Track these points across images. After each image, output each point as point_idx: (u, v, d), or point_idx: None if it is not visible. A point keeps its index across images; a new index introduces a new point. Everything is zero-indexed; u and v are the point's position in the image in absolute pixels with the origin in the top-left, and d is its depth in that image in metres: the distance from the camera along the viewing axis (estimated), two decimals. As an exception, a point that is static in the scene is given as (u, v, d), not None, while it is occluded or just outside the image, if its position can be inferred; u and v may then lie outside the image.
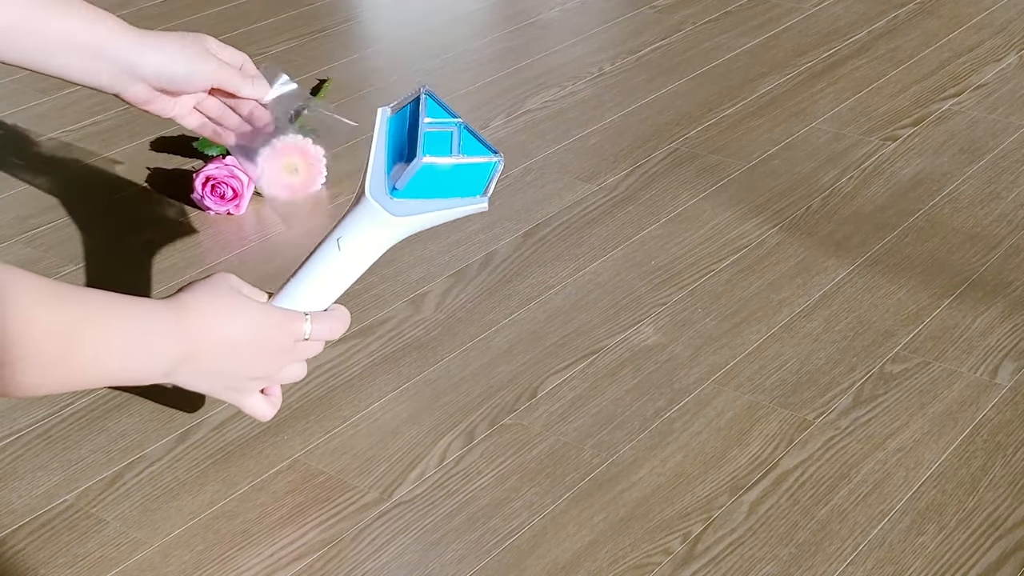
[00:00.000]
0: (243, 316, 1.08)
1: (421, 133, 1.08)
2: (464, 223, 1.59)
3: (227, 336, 1.08)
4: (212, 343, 1.07)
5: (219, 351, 1.07)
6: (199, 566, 1.11)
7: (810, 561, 1.10)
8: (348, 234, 1.11)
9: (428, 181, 1.08)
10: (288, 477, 1.20)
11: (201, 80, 1.24)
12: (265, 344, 1.11)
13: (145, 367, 1.03)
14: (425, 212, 1.10)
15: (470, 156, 1.09)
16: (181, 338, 1.04)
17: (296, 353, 1.14)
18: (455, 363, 1.36)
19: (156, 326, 1.02)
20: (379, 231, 1.11)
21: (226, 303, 1.08)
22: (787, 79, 1.95)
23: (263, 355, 1.11)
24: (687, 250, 1.53)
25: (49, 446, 1.25)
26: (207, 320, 1.06)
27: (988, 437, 1.23)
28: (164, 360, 1.04)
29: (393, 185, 1.08)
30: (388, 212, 1.09)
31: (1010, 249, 1.51)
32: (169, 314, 1.04)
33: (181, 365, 1.05)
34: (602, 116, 1.86)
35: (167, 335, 1.03)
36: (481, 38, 2.16)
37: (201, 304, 1.06)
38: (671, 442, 1.23)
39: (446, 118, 1.10)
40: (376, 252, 1.14)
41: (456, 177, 1.09)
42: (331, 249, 1.12)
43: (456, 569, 1.10)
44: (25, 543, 1.14)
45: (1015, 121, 1.81)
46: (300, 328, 1.12)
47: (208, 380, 1.09)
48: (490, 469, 1.21)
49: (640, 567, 1.09)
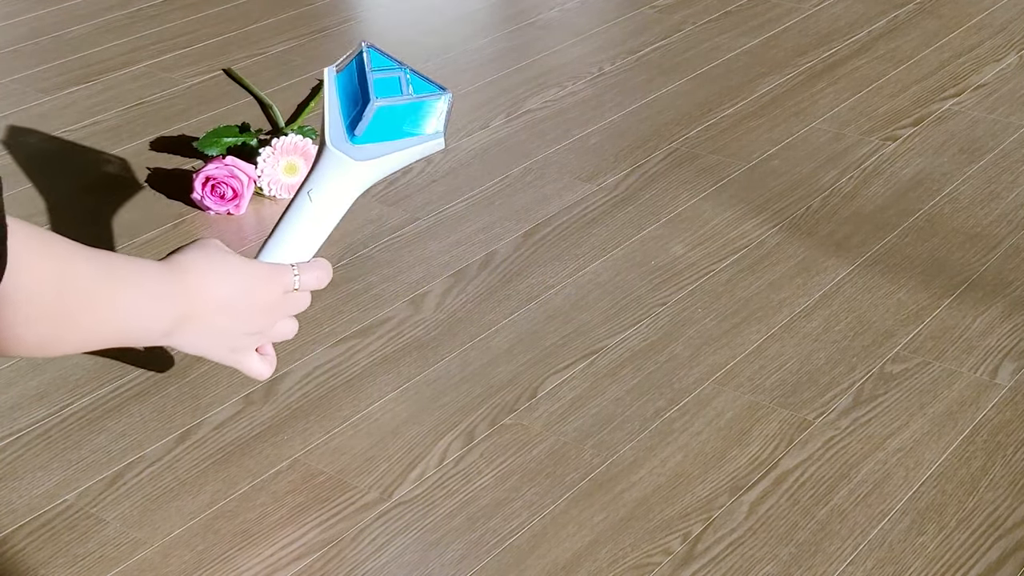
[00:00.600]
0: (236, 274, 1.09)
1: (370, 80, 1.11)
2: (464, 223, 1.60)
3: (223, 295, 1.08)
4: (209, 302, 1.07)
5: (216, 310, 1.08)
6: (199, 566, 1.11)
7: (810, 561, 1.10)
8: (317, 186, 1.13)
9: (384, 123, 1.11)
10: (288, 477, 1.20)
11: None
12: (258, 299, 1.11)
13: (147, 326, 1.03)
14: (385, 154, 1.13)
15: (420, 95, 1.13)
16: (180, 299, 1.04)
17: (287, 306, 1.14)
18: (455, 363, 1.35)
19: (156, 286, 1.02)
20: (345, 178, 1.13)
21: (218, 263, 1.08)
22: (787, 79, 1.95)
23: (257, 310, 1.12)
24: (687, 250, 1.53)
25: (49, 446, 1.25)
26: (203, 280, 1.06)
27: (988, 437, 1.23)
28: (164, 320, 1.03)
29: (352, 132, 1.11)
30: (351, 158, 1.12)
31: (1010, 249, 1.51)
32: (168, 275, 1.04)
33: (180, 326, 1.05)
34: (602, 116, 1.86)
35: (167, 295, 1.03)
36: (481, 38, 2.16)
37: (196, 265, 1.06)
38: (671, 442, 1.23)
39: (391, 66, 1.16)
40: (347, 199, 1.16)
41: (410, 116, 1.13)
42: (303, 203, 1.14)
43: (456, 569, 1.10)
44: (25, 543, 1.14)
45: (1015, 121, 1.81)
46: (289, 279, 1.13)
47: (207, 340, 1.09)
48: (490, 469, 1.21)
49: (640, 567, 1.09)
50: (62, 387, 1.33)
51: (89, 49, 2.15)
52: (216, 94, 1.97)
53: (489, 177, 1.71)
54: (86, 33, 2.21)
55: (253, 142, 1.73)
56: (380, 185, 1.69)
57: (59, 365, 1.36)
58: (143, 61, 2.10)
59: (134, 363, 1.36)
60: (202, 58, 2.10)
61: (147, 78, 2.03)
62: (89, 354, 1.37)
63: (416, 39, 2.16)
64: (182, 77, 2.04)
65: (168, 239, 1.58)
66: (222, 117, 1.89)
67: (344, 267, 1.50)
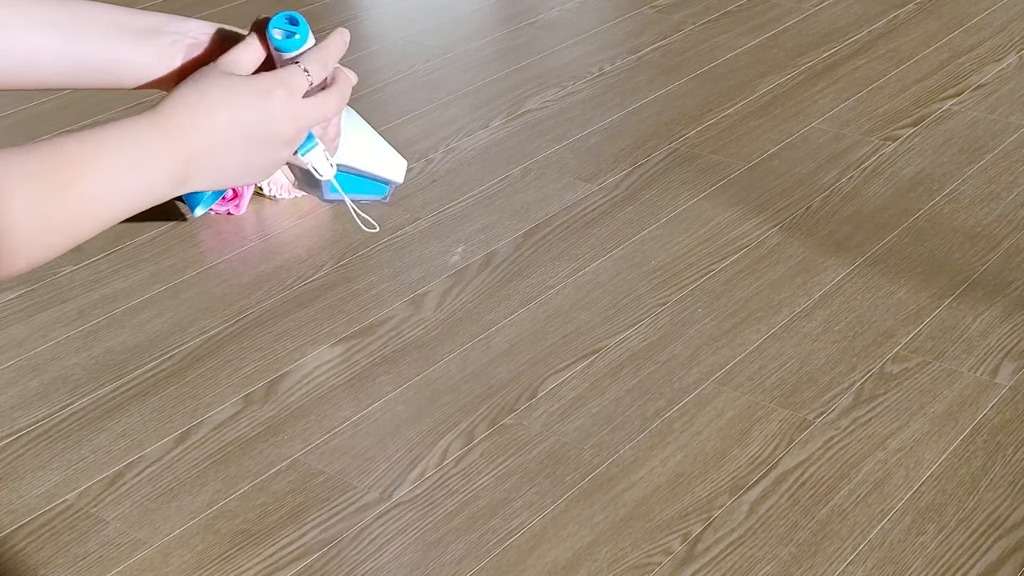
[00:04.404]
0: (229, 97, 1.04)
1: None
2: (464, 223, 1.60)
3: (221, 124, 1.03)
4: (211, 136, 1.02)
5: (223, 143, 1.03)
6: (199, 566, 1.11)
7: (810, 561, 1.10)
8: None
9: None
10: (288, 477, 1.20)
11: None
12: (268, 114, 1.04)
13: (152, 182, 0.99)
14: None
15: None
16: (176, 144, 1.01)
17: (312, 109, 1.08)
18: (455, 363, 1.35)
19: (148, 140, 0.99)
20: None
21: (207, 90, 1.04)
22: (787, 79, 1.95)
23: (274, 125, 1.04)
24: (687, 250, 1.53)
25: (49, 446, 1.25)
26: (194, 117, 1.02)
27: (988, 437, 1.23)
28: (168, 171, 1.00)
29: None
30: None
31: (1010, 249, 1.51)
32: (155, 124, 1.00)
33: (189, 171, 1.01)
34: (602, 116, 1.86)
35: (156, 152, 0.99)
36: (481, 38, 2.16)
37: (182, 102, 1.02)
38: (671, 442, 1.23)
39: None
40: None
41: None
42: None
43: (456, 569, 1.10)
44: (25, 543, 1.14)
45: (1015, 121, 1.81)
46: (299, 80, 1.07)
47: (229, 173, 1.04)
48: (490, 469, 1.21)
49: (640, 567, 1.09)
50: (62, 387, 1.33)
51: (89, 49, 2.15)
52: (216, 94, 1.97)
53: (489, 177, 1.71)
54: (86, 33, 2.20)
55: (253, 142, 1.72)
56: (380, 185, 1.69)
57: (59, 365, 1.36)
58: (143, 61, 2.10)
59: (134, 362, 1.36)
60: (202, 58, 2.10)
61: (147, 78, 2.03)
62: (89, 354, 1.37)
63: (416, 39, 2.16)
64: (182, 77, 2.04)
65: (168, 239, 1.58)
66: (222, 117, 1.89)
67: (344, 267, 1.50)
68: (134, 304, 1.46)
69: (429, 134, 1.83)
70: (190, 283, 1.49)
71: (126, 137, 0.98)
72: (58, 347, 1.37)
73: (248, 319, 1.43)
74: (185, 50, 1.23)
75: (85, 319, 1.43)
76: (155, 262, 1.53)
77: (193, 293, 1.47)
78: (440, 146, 1.79)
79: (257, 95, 1.08)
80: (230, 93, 1.06)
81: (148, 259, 1.54)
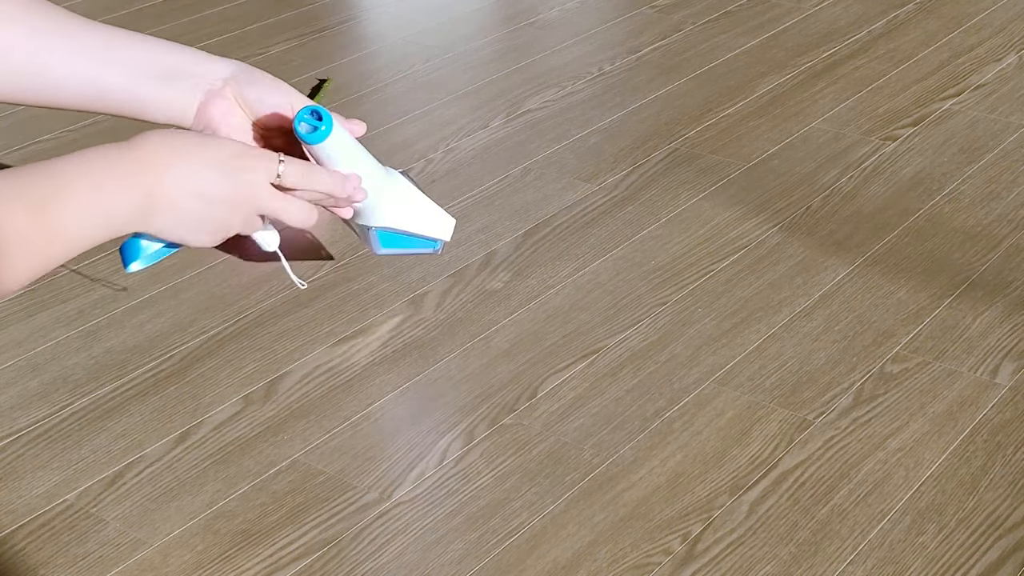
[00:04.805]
0: (200, 151, 1.05)
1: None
2: (464, 223, 1.60)
3: (186, 171, 1.03)
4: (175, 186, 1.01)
5: (186, 195, 1.02)
6: (199, 566, 1.11)
7: (810, 561, 1.10)
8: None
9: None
10: (288, 477, 1.20)
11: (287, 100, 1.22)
12: (233, 183, 1.05)
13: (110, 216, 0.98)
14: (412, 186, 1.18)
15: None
16: (136, 179, 1.00)
17: (272, 201, 1.08)
18: (455, 363, 1.35)
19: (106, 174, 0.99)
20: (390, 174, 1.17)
21: (183, 138, 1.05)
22: (787, 79, 1.95)
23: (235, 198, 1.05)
24: (687, 250, 1.53)
25: (49, 446, 1.25)
26: (163, 156, 1.02)
27: (988, 437, 1.23)
28: (125, 206, 0.99)
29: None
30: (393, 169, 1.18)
31: (1010, 249, 1.51)
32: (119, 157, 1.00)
33: (149, 205, 1.00)
34: (602, 116, 1.86)
35: (120, 178, 0.99)
36: (481, 38, 2.16)
37: (156, 141, 1.03)
38: (671, 442, 1.23)
39: None
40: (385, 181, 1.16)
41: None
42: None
43: (456, 569, 1.10)
44: (25, 543, 1.14)
45: (1015, 121, 1.81)
46: (270, 166, 1.08)
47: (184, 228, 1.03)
48: (490, 469, 1.21)
49: (640, 567, 1.09)
50: (62, 387, 1.33)
51: (89, 49, 2.15)
52: (216, 94, 1.97)
53: (489, 177, 1.71)
54: (86, 33, 2.20)
55: (253, 142, 1.72)
56: (380, 185, 1.69)
57: (59, 365, 1.36)
58: (143, 61, 2.10)
59: (134, 362, 1.36)
60: (202, 58, 2.10)
61: (147, 78, 2.03)
62: (89, 354, 1.37)
63: (416, 39, 2.16)
64: (182, 77, 2.04)
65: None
66: (222, 117, 1.89)
67: (344, 267, 1.50)
68: (134, 304, 1.46)
69: (429, 134, 1.83)
70: (190, 283, 1.50)
71: (94, 163, 0.98)
72: (58, 347, 1.37)
73: (248, 319, 1.43)
74: (205, 93, 1.25)
75: (85, 319, 1.43)
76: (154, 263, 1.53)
77: (193, 293, 1.47)
78: (440, 146, 1.79)
79: (226, 158, 1.09)
80: (200, 148, 1.07)
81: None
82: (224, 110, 1.24)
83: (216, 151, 1.05)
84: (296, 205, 1.10)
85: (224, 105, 1.24)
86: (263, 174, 1.08)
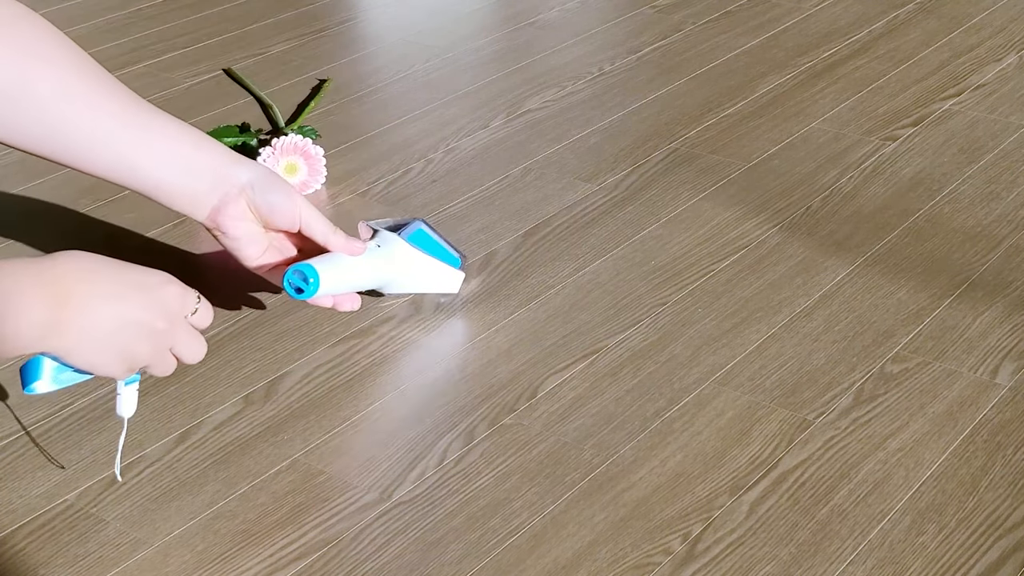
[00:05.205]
0: (129, 271, 1.04)
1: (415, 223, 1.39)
2: (464, 223, 1.60)
3: (109, 289, 1.01)
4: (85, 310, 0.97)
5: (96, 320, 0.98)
6: (199, 566, 1.11)
7: (810, 561, 1.10)
8: (380, 243, 1.34)
9: (420, 243, 1.38)
10: (288, 477, 1.20)
11: (295, 214, 1.26)
12: (155, 299, 1.04)
13: (16, 327, 0.93)
14: (420, 251, 1.37)
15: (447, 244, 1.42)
16: (47, 289, 0.95)
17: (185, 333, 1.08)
18: (455, 363, 1.36)
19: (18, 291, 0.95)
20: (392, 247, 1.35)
21: (107, 261, 1.03)
22: (787, 79, 1.96)
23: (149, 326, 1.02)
24: (687, 250, 1.53)
25: (49, 446, 1.25)
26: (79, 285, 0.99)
27: (988, 437, 1.23)
28: (32, 328, 0.96)
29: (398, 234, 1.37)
30: (400, 239, 1.36)
31: (1010, 249, 1.51)
32: (33, 267, 0.97)
33: (59, 319, 0.95)
34: (602, 116, 1.86)
35: (33, 298, 0.94)
36: (481, 38, 2.16)
37: (75, 266, 0.99)
38: (671, 442, 1.23)
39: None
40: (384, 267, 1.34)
41: (440, 252, 1.40)
42: (372, 246, 1.34)
43: (456, 569, 1.10)
44: (25, 543, 1.14)
45: (1015, 121, 1.81)
46: (189, 303, 1.08)
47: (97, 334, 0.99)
48: (490, 469, 1.21)
49: (640, 567, 1.09)
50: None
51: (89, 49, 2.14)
52: (216, 94, 1.97)
53: (489, 177, 1.71)
54: (86, 33, 2.21)
55: (253, 142, 1.73)
56: (380, 185, 1.69)
57: (59, 365, 1.36)
58: (143, 61, 2.10)
59: (134, 363, 1.36)
60: (202, 58, 2.11)
61: (147, 78, 2.03)
62: (89, 354, 1.37)
63: (416, 39, 2.16)
64: (182, 77, 2.04)
65: (168, 239, 1.58)
66: (222, 117, 1.89)
67: (344, 267, 1.50)
68: (134, 304, 1.46)
69: (429, 134, 1.83)
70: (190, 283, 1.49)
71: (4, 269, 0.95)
72: (58, 347, 1.36)
73: (248, 319, 1.43)
74: (221, 197, 1.27)
75: (85, 319, 1.43)
76: (156, 262, 1.53)
77: (193, 293, 1.47)
78: (440, 146, 1.79)
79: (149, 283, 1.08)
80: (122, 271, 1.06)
81: (148, 259, 1.54)
82: (235, 215, 1.27)
83: (140, 275, 1.05)
84: (200, 346, 1.11)
85: (236, 211, 1.27)
86: (179, 304, 1.08)
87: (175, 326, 1.07)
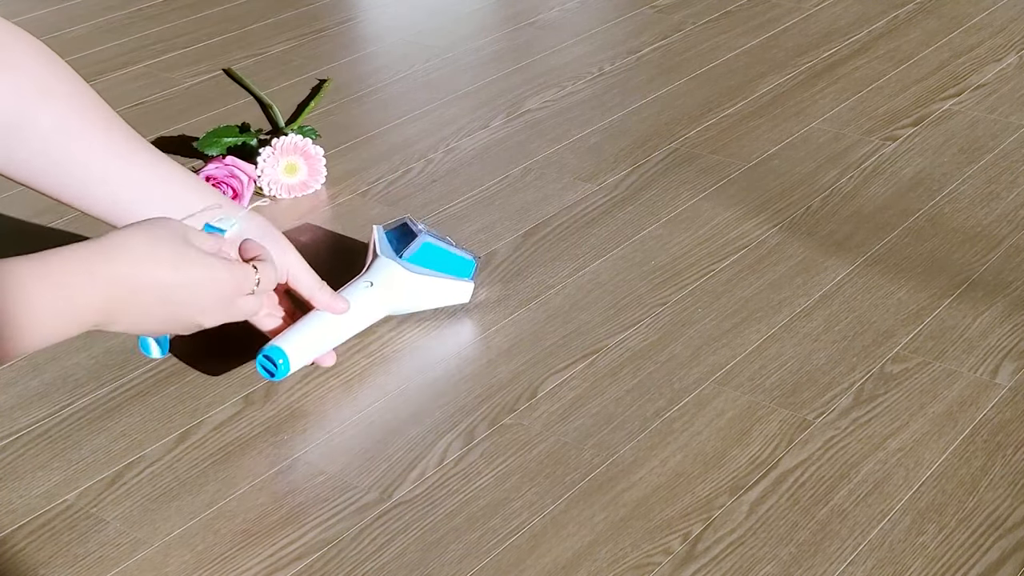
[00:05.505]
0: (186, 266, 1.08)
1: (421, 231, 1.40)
2: (464, 223, 1.60)
3: (159, 283, 1.06)
4: (143, 288, 1.04)
5: (153, 298, 1.06)
6: (199, 566, 1.11)
7: (810, 561, 1.10)
8: (375, 279, 1.36)
9: (426, 257, 1.39)
10: (288, 477, 1.20)
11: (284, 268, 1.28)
12: (205, 294, 1.10)
13: (69, 325, 1.00)
14: (423, 274, 1.38)
15: (457, 249, 1.41)
16: (101, 285, 1.02)
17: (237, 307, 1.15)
18: (455, 363, 1.36)
19: (74, 281, 0.99)
20: (391, 278, 1.36)
21: (165, 247, 1.06)
22: (787, 79, 1.96)
23: (203, 304, 1.10)
24: (687, 250, 1.53)
25: (49, 446, 1.25)
26: (137, 267, 1.04)
27: (988, 437, 1.23)
28: (87, 313, 1.01)
29: (400, 255, 1.37)
30: (397, 263, 1.37)
31: (1010, 249, 1.51)
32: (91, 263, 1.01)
33: (110, 314, 1.02)
34: (602, 116, 1.86)
35: (87, 288, 1.00)
36: (481, 38, 2.16)
37: (136, 247, 1.04)
38: (671, 442, 1.23)
39: (435, 235, 1.42)
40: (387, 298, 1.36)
41: (447, 261, 1.40)
42: (363, 286, 1.35)
43: (456, 569, 1.10)
44: (25, 543, 1.14)
45: (1015, 121, 1.81)
46: (249, 282, 1.14)
47: (146, 323, 1.07)
48: (490, 469, 1.21)
49: (640, 567, 1.09)
50: (62, 387, 1.33)
51: (89, 49, 2.15)
52: (216, 94, 1.97)
53: (489, 177, 1.71)
54: (86, 33, 2.21)
55: (253, 142, 1.73)
56: (380, 185, 1.69)
57: (59, 365, 1.36)
58: (143, 61, 2.10)
59: (134, 362, 1.36)
60: (202, 58, 2.11)
61: (147, 78, 2.03)
62: (89, 354, 1.37)
63: (416, 39, 2.16)
64: (182, 77, 2.04)
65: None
66: (222, 117, 1.89)
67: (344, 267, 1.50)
68: (134, 304, 1.46)
69: (429, 134, 1.83)
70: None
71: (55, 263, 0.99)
72: (58, 347, 1.37)
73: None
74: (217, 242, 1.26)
75: (85, 319, 1.43)
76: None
77: (193, 293, 1.47)
78: (440, 146, 1.79)
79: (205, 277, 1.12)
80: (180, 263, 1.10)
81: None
82: None
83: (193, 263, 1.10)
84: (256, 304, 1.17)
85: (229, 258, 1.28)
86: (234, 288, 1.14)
87: (233, 305, 1.13)
